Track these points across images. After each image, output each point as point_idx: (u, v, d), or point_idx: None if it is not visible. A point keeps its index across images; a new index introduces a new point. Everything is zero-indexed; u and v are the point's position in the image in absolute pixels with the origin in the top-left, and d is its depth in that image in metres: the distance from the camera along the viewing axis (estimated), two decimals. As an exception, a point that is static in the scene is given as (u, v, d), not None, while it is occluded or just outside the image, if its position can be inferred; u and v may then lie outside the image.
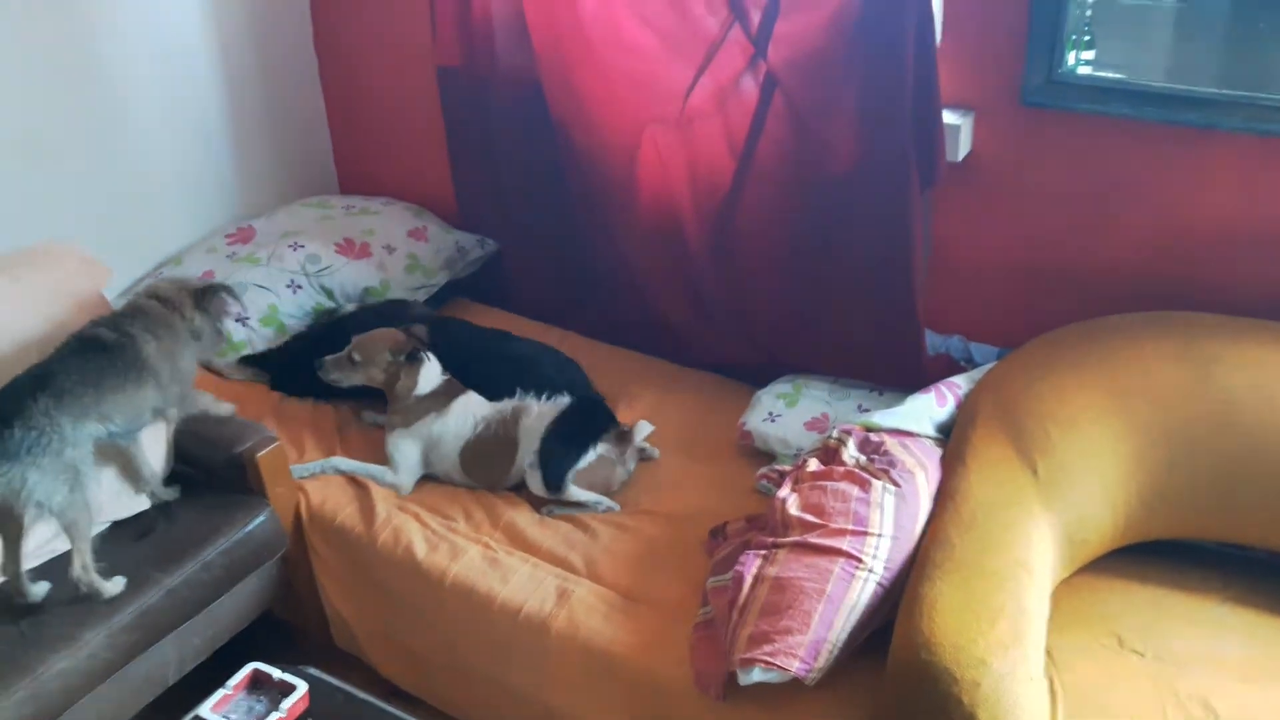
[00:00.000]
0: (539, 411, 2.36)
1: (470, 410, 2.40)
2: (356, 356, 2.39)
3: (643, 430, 2.37)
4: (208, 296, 2.27)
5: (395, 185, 3.30)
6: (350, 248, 2.93)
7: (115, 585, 2.04)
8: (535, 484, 2.30)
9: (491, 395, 2.45)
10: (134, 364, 2.09)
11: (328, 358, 2.41)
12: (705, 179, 2.48)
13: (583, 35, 2.45)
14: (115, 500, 2.20)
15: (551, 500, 2.30)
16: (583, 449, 2.29)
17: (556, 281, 2.97)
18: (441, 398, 2.40)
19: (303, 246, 2.88)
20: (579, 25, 2.44)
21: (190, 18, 2.91)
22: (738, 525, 2.14)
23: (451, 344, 2.54)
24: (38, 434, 1.89)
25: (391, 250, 2.96)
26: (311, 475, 2.41)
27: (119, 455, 2.19)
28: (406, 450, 2.38)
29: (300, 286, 2.83)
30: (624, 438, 2.36)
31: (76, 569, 1.98)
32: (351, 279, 2.88)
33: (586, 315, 2.93)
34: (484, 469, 2.37)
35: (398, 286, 2.92)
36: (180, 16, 2.89)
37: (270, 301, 2.78)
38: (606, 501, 2.30)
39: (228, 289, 2.33)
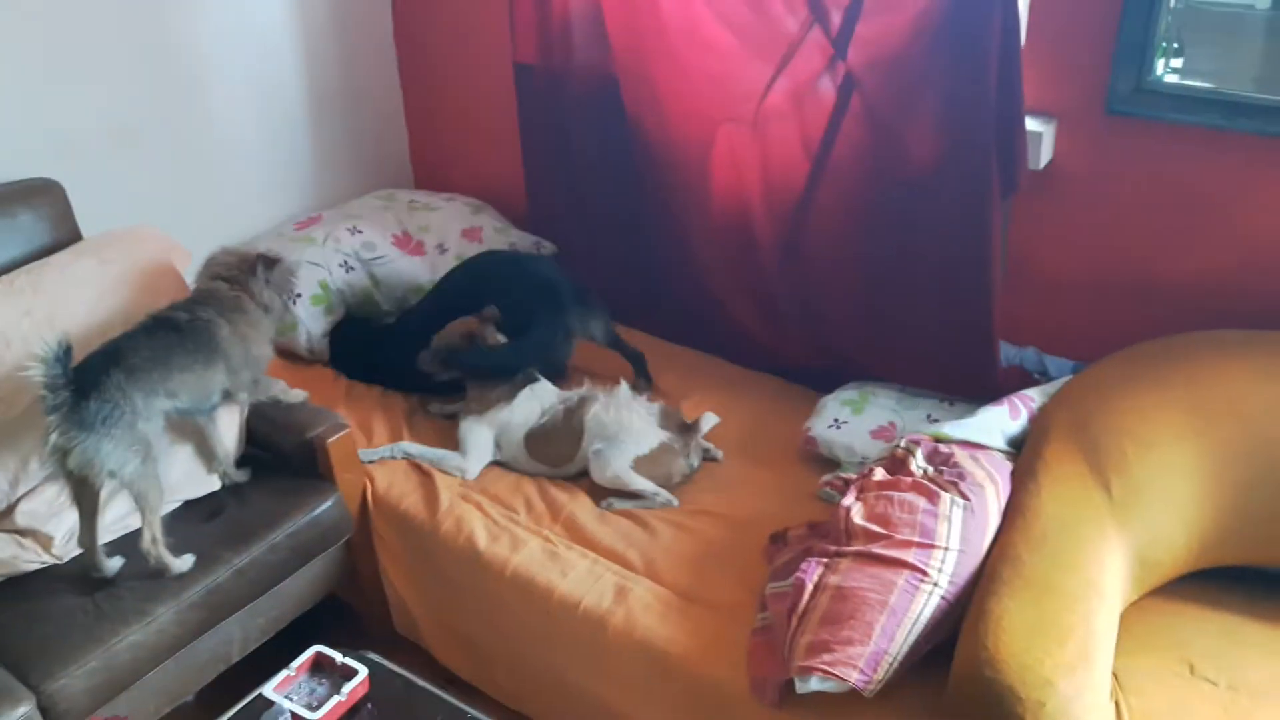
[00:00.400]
0: (605, 401, 2.38)
1: (537, 398, 2.45)
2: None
3: (708, 422, 2.37)
4: (271, 269, 2.31)
5: (468, 181, 3.32)
6: (406, 242, 2.95)
7: (184, 562, 2.08)
8: (598, 473, 2.32)
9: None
10: (205, 345, 2.14)
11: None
12: (779, 179, 2.46)
13: (661, 32, 2.44)
14: (187, 480, 2.25)
15: (611, 492, 2.32)
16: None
17: (623, 279, 2.97)
18: (512, 387, 2.46)
19: (360, 232, 2.91)
20: (658, 22, 2.43)
21: (275, 12, 2.96)
22: (799, 531, 2.12)
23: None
24: (111, 406, 1.95)
25: (444, 250, 2.97)
26: (380, 459, 2.45)
27: (194, 434, 2.25)
28: (478, 436, 2.44)
29: (353, 268, 2.86)
30: (688, 430, 2.37)
31: (146, 541, 2.04)
32: (402, 272, 2.91)
33: (652, 313, 2.93)
34: (548, 453, 2.41)
35: None
36: (266, 11, 2.94)
37: (321, 278, 2.81)
38: (664, 494, 2.30)
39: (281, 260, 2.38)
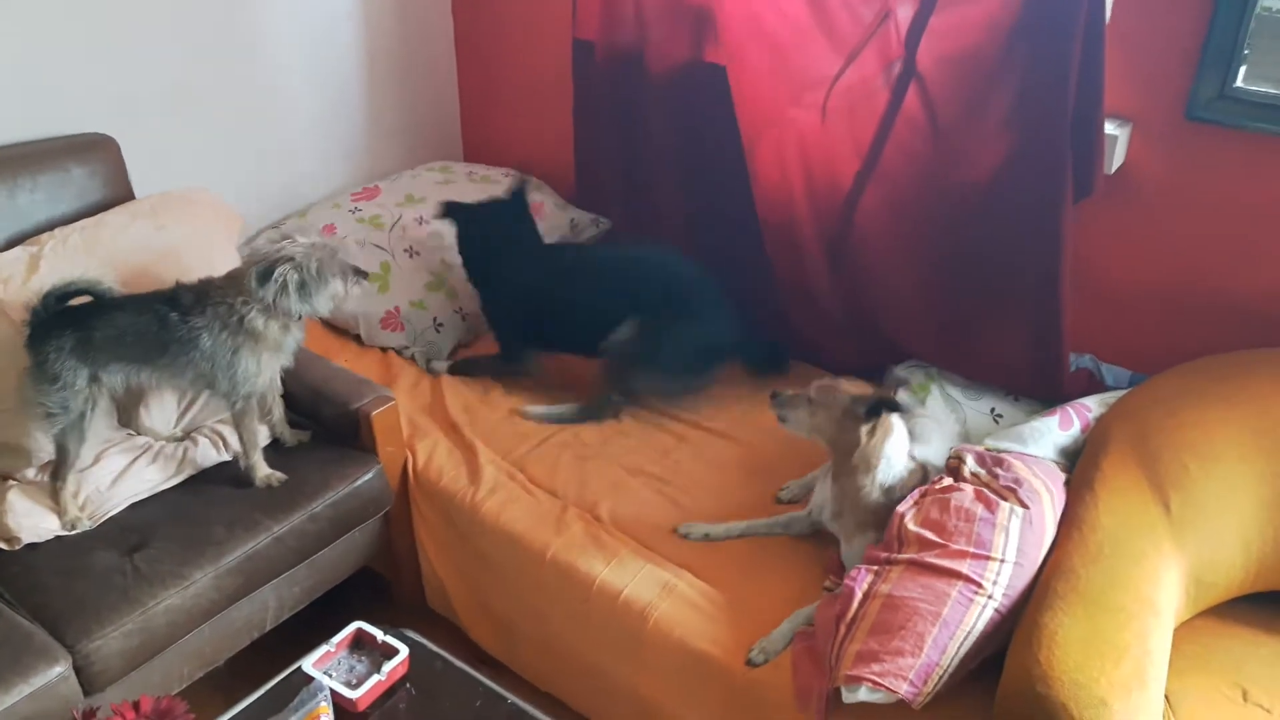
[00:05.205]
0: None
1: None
2: (813, 394, 2.04)
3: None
4: (265, 280, 2.02)
5: (518, 155, 3.28)
6: None
7: (73, 521, 2.09)
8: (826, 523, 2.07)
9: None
10: (182, 350, 2.07)
11: (786, 393, 2.09)
12: (823, 178, 2.40)
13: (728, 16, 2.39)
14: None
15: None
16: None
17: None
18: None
19: (428, 223, 2.89)
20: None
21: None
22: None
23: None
24: (48, 363, 2.03)
25: None
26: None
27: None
28: None
29: (419, 254, 2.84)
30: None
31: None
32: None
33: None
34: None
35: None
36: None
37: (384, 260, 2.79)
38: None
39: (292, 263, 2.03)
